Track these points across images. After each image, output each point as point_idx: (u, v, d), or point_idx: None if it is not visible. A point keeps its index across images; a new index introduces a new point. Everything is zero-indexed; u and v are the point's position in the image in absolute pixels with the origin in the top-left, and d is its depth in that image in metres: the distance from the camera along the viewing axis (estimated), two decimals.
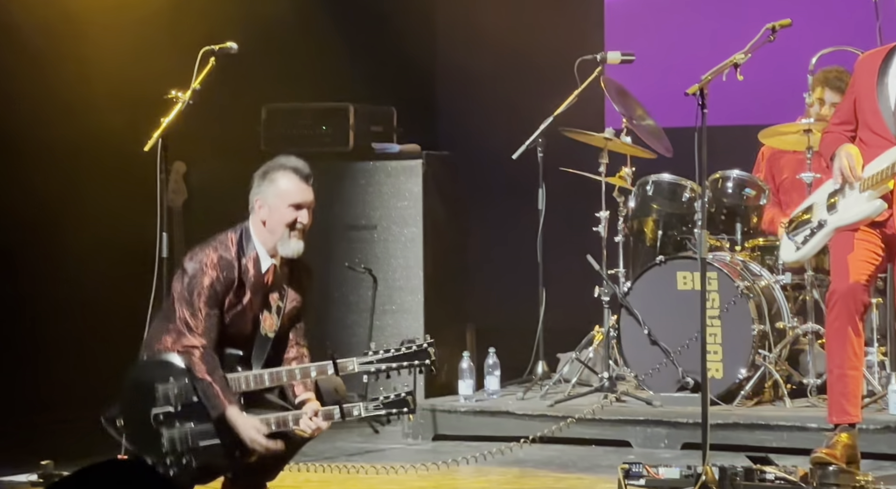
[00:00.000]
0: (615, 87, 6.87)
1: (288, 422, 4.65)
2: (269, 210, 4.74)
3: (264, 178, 4.77)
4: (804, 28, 5.82)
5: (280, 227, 4.72)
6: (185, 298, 4.68)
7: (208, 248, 4.74)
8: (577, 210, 7.01)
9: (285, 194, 4.72)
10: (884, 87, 5.08)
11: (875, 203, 5.01)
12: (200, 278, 4.68)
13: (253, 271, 4.74)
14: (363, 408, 4.69)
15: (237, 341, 4.74)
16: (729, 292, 6.32)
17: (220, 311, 4.70)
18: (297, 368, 4.70)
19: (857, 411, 5.14)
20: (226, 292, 4.70)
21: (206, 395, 4.63)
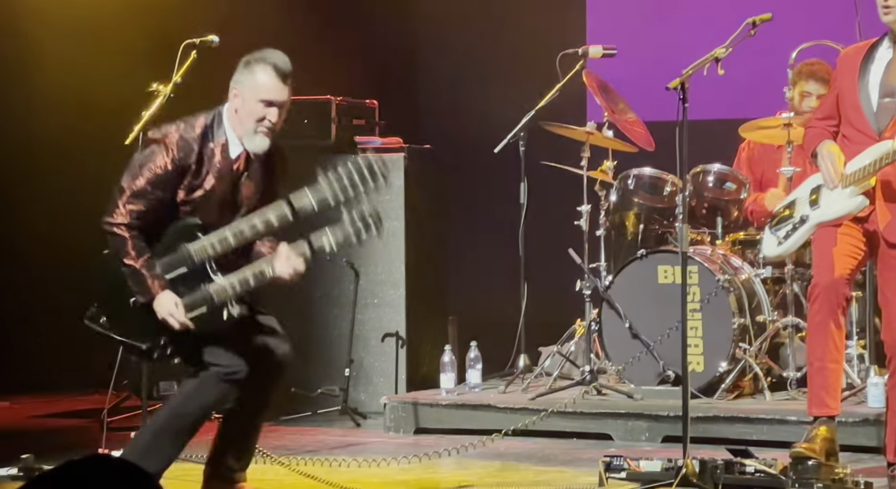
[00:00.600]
0: (597, 82, 6.88)
1: (265, 272, 4.61)
2: (242, 100, 4.67)
3: (245, 68, 4.70)
4: (784, 23, 5.84)
5: (249, 120, 4.66)
6: (134, 169, 4.63)
7: (172, 126, 4.69)
8: (558, 204, 7.03)
9: (260, 88, 4.65)
10: (865, 83, 5.10)
11: (857, 199, 5.03)
12: (155, 155, 4.63)
13: (220, 157, 4.68)
14: (329, 233, 4.62)
15: (205, 222, 4.66)
16: (709, 286, 6.34)
17: (169, 194, 4.62)
18: (255, 217, 4.62)
19: (836, 404, 5.16)
20: (180, 175, 4.63)
21: (134, 281, 4.59)
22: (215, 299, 4.62)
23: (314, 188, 4.61)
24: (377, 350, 7.18)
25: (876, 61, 5.11)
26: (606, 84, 6.95)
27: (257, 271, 4.63)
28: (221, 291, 4.62)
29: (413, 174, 7.22)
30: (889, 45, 5.12)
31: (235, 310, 4.64)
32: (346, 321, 7.12)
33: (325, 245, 4.63)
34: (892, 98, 5.03)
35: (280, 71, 4.66)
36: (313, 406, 7.07)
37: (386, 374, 7.16)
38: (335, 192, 4.59)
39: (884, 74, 5.07)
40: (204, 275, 4.64)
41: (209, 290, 4.62)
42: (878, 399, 5.75)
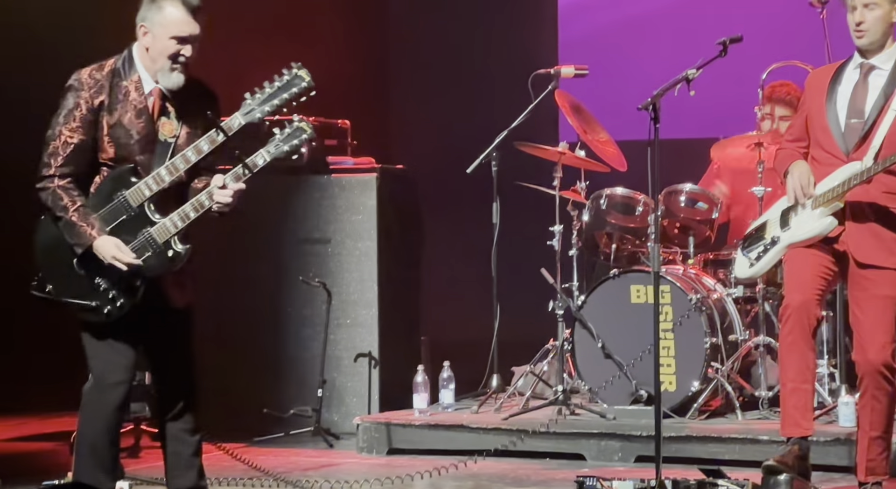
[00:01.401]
0: (569, 102, 6.91)
1: (204, 202, 4.58)
2: (152, 38, 4.61)
3: (152, 3, 4.63)
4: (755, 44, 5.88)
5: (161, 57, 4.60)
6: (54, 122, 4.60)
7: (83, 69, 4.65)
8: (531, 224, 7.03)
9: (170, 25, 4.58)
10: (833, 104, 5.14)
11: (826, 220, 5.07)
12: (67, 99, 4.61)
13: (135, 94, 4.62)
14: (265, 152, 4.59)
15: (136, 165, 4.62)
16: (682, 305, 6.36)
17: (89, 136, 4.58)
18: (187, 150, 4.58)
19: (809, 424, 5.18)
20: (95, 114, 4.58)
21: (69, 233, 4.56)
22: (158, 240, 4.60)
23: (241, 107, 4.59)
24: (350, 370, 7.17)
25: (843, 83, 5.16)
26: (579, 104, 6.98)
27: (196, 203, 4.60)
28: (162, 231, 4.60)
29: (385, 194, 7.22)
30: (856, 67, 5.16)
31: (180, 247, 4.61)
32: (319, 341, 7.10)
33: (260, 162, 4.60)
34: (859, 119, 5.08)
35: (189, 4, 4.60)
36: (286, 427, 7.05)
37: (359, 395, 7.14)
38: (263, 108, 4.58)
39: (851, 96, 5.12)
40: (144, 219, 4.61)
41: (150, 233, 4.60)
42: (848, 418, 5.77)
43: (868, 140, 5.03)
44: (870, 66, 5.12)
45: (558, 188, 6.71)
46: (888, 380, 5.03)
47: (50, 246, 4.64)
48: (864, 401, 5.10)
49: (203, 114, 4.67)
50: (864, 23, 5.06)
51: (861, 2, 5.06)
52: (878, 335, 5.01)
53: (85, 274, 4.60)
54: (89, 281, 4.60)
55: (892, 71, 5.08)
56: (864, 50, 5.12)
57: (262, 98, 4.61)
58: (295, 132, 4.63)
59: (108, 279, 4.59)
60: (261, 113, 4.61)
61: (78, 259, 4.60)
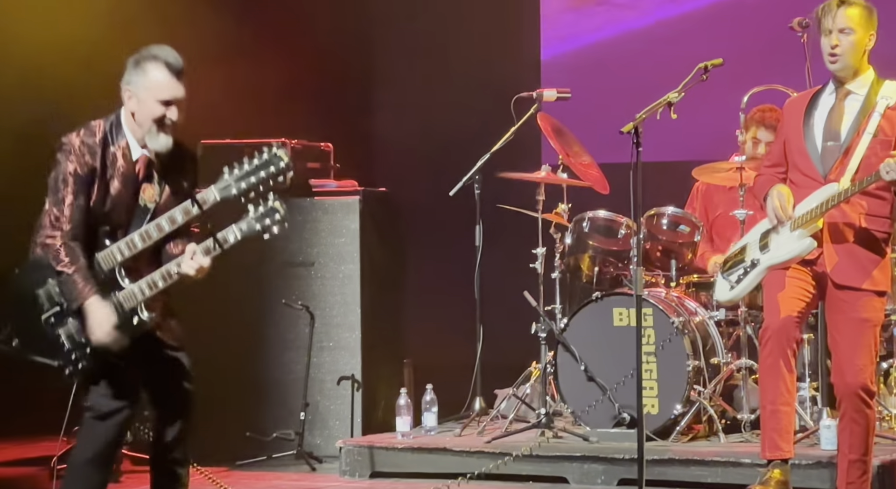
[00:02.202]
0: (551, 125, 6.93)
1: (172, 272, 4.59)
2: (137, 102, 4.62)
3: (136, 67, 4.63)
4: (736, 67, 5.91)
5: (148, 121, 4.62)
6: (52, 187, 4.61)
7: (73, 134, 4.66)
8: (513, 247, 7.04)
9: (155, 88, 4.59)
10: (810, 128, 5.18)
11: (805, 241, 5.09)
12: (64, 165, 4.60)
13: (122, 161, 4.64)
14: (236, 228, 4.59)
15: (113, 229, 4.65)
16: (664, 328, 6.37)
17: (85, 199, 4.60)
18: (162, 219, 4.60)
19: (789, 447, 5.19)
20: (90, 179, 4.60)
21: (67, 288, 4.56)
22: (124, 306, 4.60)
23: (218, 181, 4.59)
24: (333, 393, 7.15)
25: (819, 107, 5.20)
26: (561, 127, 7.00)
27: (164, 272, 4.61)
28: (130, 297, 4.61)
29: (368, 217, 7.22)
30: (832, 91, 5.21)
31: (146, 315, 4.62)
32: (302, 364, 7.09)
33: (231, 238, 4.60)
34: (835, 142, 5.12)
35: (173, 68, 4.61)
36: (268, 450, 7.02)
37: (341, 418, 7.13)
38: (239, 184, 4.56)
39: (827, 119, 5.16)
40: (114, 283, 4.62)
41: (118, 297, 4.60)
42: (830, 441, 5.76)
43: (845, 162, 5.06)
44: (846, 91, 5.16)
45: (541, 211, 6.72)
46: (866, 403, 5.04)
47: (22, 299, 4.64)
48: (843, 425, 5.11)
49: (183, 177, 4.71)
50: (838, 46, 5.10)
51: (837, 26, 5.10)
52: (855, 358, 5.03)
53: (52, 332, 4.61)
54: (54, 339, 4.61)
55: (868, 95, 5.12)
56: (839, 76, 5.16)
57: (239, 175, 4.58)
58: (269, 212, 4.59)
59: (73, 340, 4.61)
60: (237, 190, 4.57)
61: (47, 317, 4.61)
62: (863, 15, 5.12)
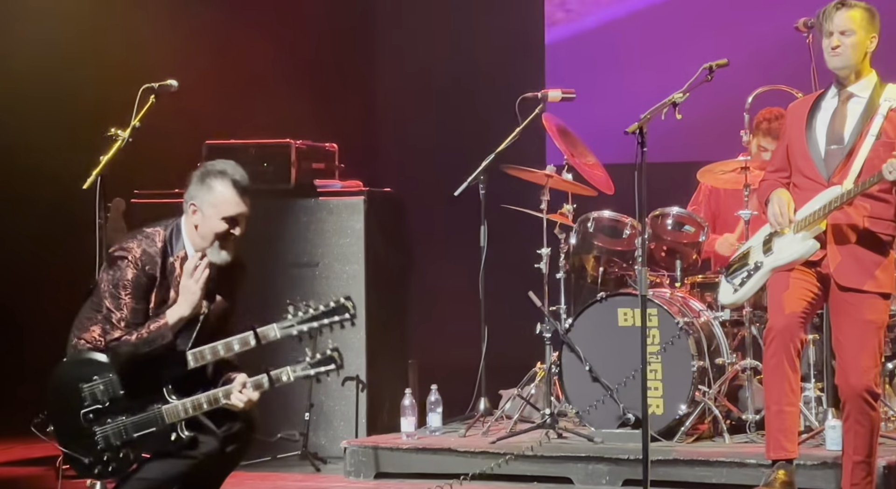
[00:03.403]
0: (556, 125, 6.92)
1: (219, 398, 4.63)
2: (202, 217, 4.66)
3: (202, 183, 4.67)
4: (741, 67, 5.90)
5: (211, 235, 4.66)
6: (110, 291, 4.64)
7: (133, 242, 4.69)
8: (518, 247, 7.04)
9: (221, 206, 4.64)
10: (812, 132, 5.18)
11: (808, 243, 5.09)
12: (125, 271, 4.63)
13: (180, 271, 4.68)
14: (290, 371, 4.65)
15: None
16: (669, 328, 6.36)
17: (145, 305, 4.65)
18: (219, 344, 4.64)
19: (794, 447, 5.18)
20: (150, 286, 4.65)
21: (149, 342, 4.59)
22: (165, 420, 4.63)
23: (282, 321, 4.65)
24: (337, 394, 7.15)
25: (822, 111, 5.21)
26: (565, 127, 7.00)
27: (211, 397, 4.66)
28: (173, 413, 4.65)
29: (373, 217, 7.22)
30: (835, 95, 5.21)
31: (185, 434, 4.66)
32: None
33: (284, 378, 4.69)
34: (838, 145, 5.12)
35: (240, 186, 4.66)
36: (273, 451, 7.02)
37: (346, 418, 7.12)
38: (301, 327, 4.64)
39: (830, 122, 5.16)
40: (159, 396, 4.66)
41: (161, 410, 4.64)
42: (835, 441, 5.76)
43: (848, 165, 5.06)
44: (849, 94, 5.17)
45: (545, 211, 6.72)
46: (870, 404, 5.04)
47: (63, 389, 4.68)
48: (848, 426, 5.11)
49: (232, 288, 4.79)
50: (839, 47, 5.11)
51: (837, 28, 5.12)
52: (860, 360, 5.02)
53: (88, 428, 4.64)
54: (89, 436, 4.65)
55: (870, 98, 5.12)
56: (840, 76, 5.16)
57: (303, 317, 4.65)
58: (326, 361, 4.68)
59: (107, 441, 4.65)
60: (297, 331, 4.67)
61: (86, 412, 4.64)
62: (864, 17, 5.12)
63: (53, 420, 4.70)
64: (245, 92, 8.00)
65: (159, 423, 4.62)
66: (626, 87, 8.21)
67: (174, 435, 4.63)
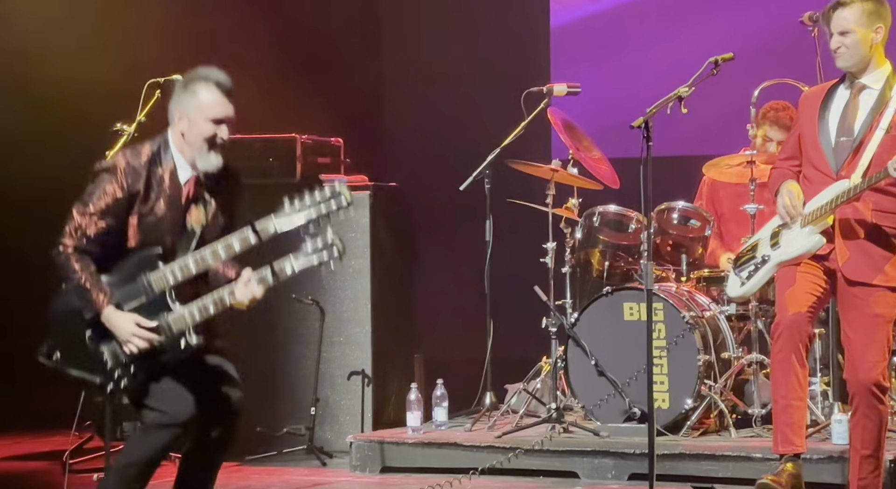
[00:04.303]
0: (561, 119, 6.92)
1: (224, 299, 4.61)
2: (188, 123, 4.66)
3: (185, 90, 4.69)
4: (747, 61, 5.89)
5: (199, 140, 4.66)
6: (85, 198, 4.64)
7: (119, 156, 4.69)
8: (524, 241, 7.04)
9: (206, 108, 4.64)
10: (824, 123, 5.17)
11: (815, 237, 5.08)
12: (105, 183, 4.64)
13: (169, 182, 4.67)
14: (293, 260, 4.61)
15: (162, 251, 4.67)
16: (675, 323, 6.36)
17: (113, 222, 4.62)
18: (218, 244, 4.61)
19: (801, 441, 5.18)
20: (130, 201, 4.63)
21: (79, 296, 4.59)
22: (173, 329, 4.61)
23: (278, 213, 4.61)
24: (343, 388, 7.15)
25: (835, 102, 5.19)
26: (571, 122, 6.99)
27: (217, 298, 4.63)
28: (180, 320, 4.62)
29: (378, 212, 7.21)
30: (848, 86, 5.20)
31: (193, 339, 4.63)
32: (312, 359, 7.09)
33: (288, 270, 4.63)
34: (848, 137, 5.11)
35: (223, 87, 4.67)
36: (279, 445, 7.03)
37: (352, 413, 7.13)
38: (299, 217, 4.59)
39: (842, 114, 5.15)
40: (163, 304, 4.63)
41: (167, 319, 4.61)
42: (842, 436, 5.76)
43: (857, 158, 5.05)
44: (861, 86, 5.15)
45: (551, 205, 6.72)
46: (879, 398, 5.03)
47: (65, 316, 4.67)
48: (856, 420, 5.11)
49: (230, 199, 4.75)
50: (840, 48, 5.11)
51: (836, 29, 5.12)
52: (868, 354, 5.02)
53: (94, 349, 4.63)
54: (98, 356, 4.63)
55: (882, 90, 5.11)
56: (847, 70, 5.16)
57: (299, 207, 4.61)
58: (326, 246, 4.62)
59: (117, 358, 4.62)
60: (297, 222, 4.62)
61: (90, 333, 4.63)
62: (862, 11, 5.08)
63: (59, 347, 4.65)
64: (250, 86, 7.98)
65: (167, 333, 4.60)
66: (631, 81, 8.20)
67: (183, 342, 4.61)
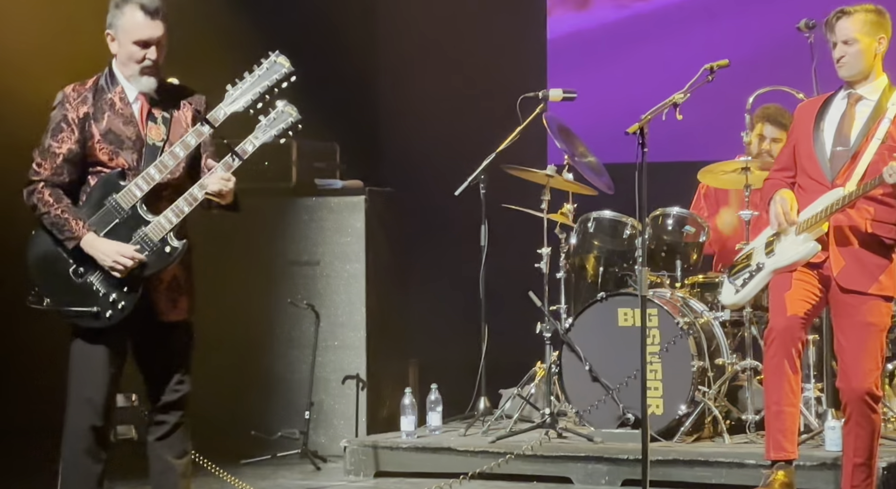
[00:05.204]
0: (557, 125, 6.93)
1: (195, 194, 4.60)
2: (118, 44, 4.67)
3: (116, 9, 4.67)
4: (742, 68, 5.90)
5: (130, 62, 4.66)
6: (42, 137, 4.67)
7: (67, 87, 4.71)
8: (519, 246, 7.04)
9: (131, 30, 4.62)
10: (820, 133, 5.18)
11: (809, 245, 5.09)
12: (54, 113, 4.67)
13: (121, 104, 4.67)
14: (252, 138, 4.63)
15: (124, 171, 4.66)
16: (669, 329, 6.37)
17: (76, 146, 4.62)
18: (175, 145, 4.62)
19: (794, 448, 5.19)
20: (82, 125, 4.63)
21: (57, 228, 4.59)
22: (154, 238, 4.61)
23: (224, 98, 4.63)
24: (337, 392, 7.16)
25: (831, 112, 5.21)
26: (566, 127, 7.00)
27: (188, 196, 4.62)
28: (157, 228, 4.62)
29: (374, 216, 7.23)
30: (844, 97, 5.21)
31: (176, 243, 4.62)
32: (307, 363, 7.10)
33: (249, 148, 4.64)
34: (844, 147, 5.12)
35: (148, 9, 4.64)
36: (273, 449, 7.04)
37: (346, 417, 7.13)
38: (245, 96, 4.62)
39: (838, 124, 5.16)
40: (138, 219, 4.63)
41: (145, 231, 4.61)
42: (835, 442, 5.77)
43: (852, 167, 5.07)
44: (857, 96, 5.17)
45: (546, 211, 6.72)
46: (871, 407, 5.04)
47: (44, 259, 4.65)
48: (849, 428, 5.11)
49: (190, 113, 4.72)
50: (843, 57, 5.12)
51: (840, 38, 5.13)
52: (861, 362, 5.03)
53: (82, 281, 4.62)
54: (87, 287, 4.61)
55: (879, 101, 5.12)
56: (849, 80, 5.17)
57: (243, 88, 4.65)
58: (281, 116, 4.66)
59: (107, 283, 4.61)
60: (244, 102, 4.65)
61: (74, 268, 4.62)
62: (866, 21, 5.11)
63: (46, 289, 4.64)
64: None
65: (148, 244, 4.60)
66: (627, 87, 8.21)
67: (168, 247, 4.61)
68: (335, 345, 7.19)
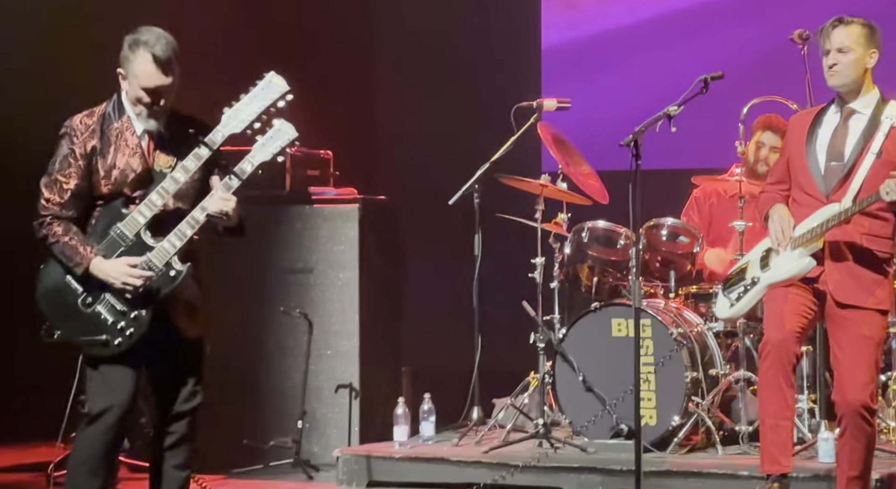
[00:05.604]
0: (551, 134, 6.92)
1: (197, 217, 4.65)
2: (128, 84, 4.72)
3: (130, 51, 4.70)
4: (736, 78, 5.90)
5: (136, 102, 4.70)
6: (49, 169, 4.70)
7: (74, 117, 4.75)
8: (512, 256, 7.04)
9: (141, 77, 4.67)
10: (812, 147, 5.19)
11: (804, 261, 5.09)
12: (61, 146, 4.71)
13: (127, 134, 4.70)
14: (250, 158, 4.67)
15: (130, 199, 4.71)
16: (663, 339, 6.36)
17: (83, 181, 4.66)
18: (175, 171, 4.65)
19: (789, 461, 5.19)
20: (89, 159, 4.67)
21: (66, 256, 4.63)
22: (158, 263, 4.64)
23: (221, 121, 4.67)
24: (330, 401, 7.14)
25: (823, 126, 5.20)
26: (561, 136, 6.99)
27: (190, 220, 4.66)
28: (162, 253, 4.65)
29: (367, 225, 7.21)
30: (837, 111, 5.21)
31: (180, 266, 4.66)
32: (300, 372, 7.08)
33: (248, 168, 4.69)
34: (838, 162, 5.12)
35: (159, 60, 4.66)
36: (265, 458, 7.02)
37: (339, 426, 7.12)
38: (242, 118, 4.66)
39: (831, 139, 5.16)
40: (142, 246, 4.67)
41: (150, 257, 4.65)
42: (828, 454, 5.76)
43: (847, 182, 5.07)
44: (850, 110, 5.17)
45: (540, 220, 6.72)
46: (867, 420, 5.04)
47: (52, 293, 4.71)
48: (844, 441, 5.11)
49: (197, 142, 4.74)
50: (836, 65, 5.12)
51: (836, 46, 5.13)
52: (857, 375, 5.02)
53: (91, 311, 4.67)
54: (96, 317, 4.66)
55: (872, 115, 5.12)
56: (840, 92, 5.17)
57: (239, 108, 4.69)
58: (278, 134, 4.70)
59: (115, 311, 4.66)
60: (241, 123, 4.68)
61: (82, 298, 4.66)
62: (861, 33, 5.12)
63: (57, 322, 4.69)
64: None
65: (154, 269, 4.64)
66: (621, 96, 8.21)
67: (172, 271, 4.66)
68: (328, 353, 7.17)
